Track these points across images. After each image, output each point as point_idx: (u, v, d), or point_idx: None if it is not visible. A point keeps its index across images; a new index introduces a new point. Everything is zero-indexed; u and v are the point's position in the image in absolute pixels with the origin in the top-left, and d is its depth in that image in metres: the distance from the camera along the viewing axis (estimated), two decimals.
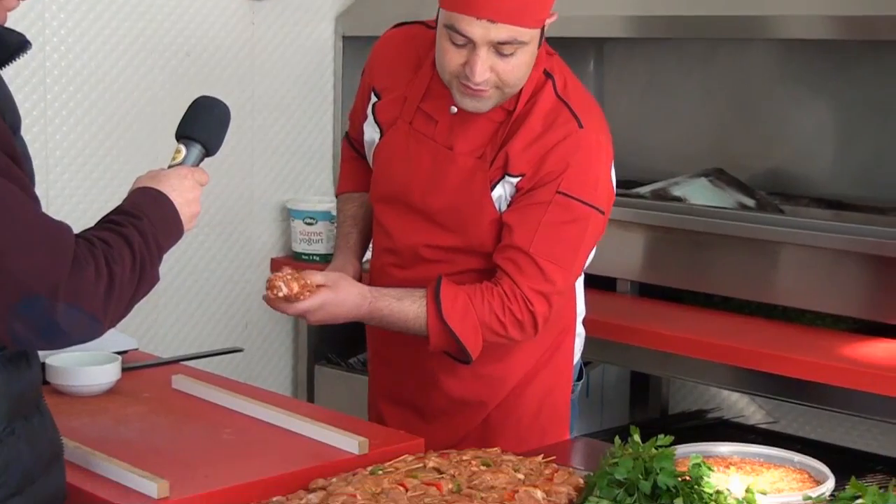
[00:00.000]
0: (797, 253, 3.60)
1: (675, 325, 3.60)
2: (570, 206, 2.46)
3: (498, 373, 2.60)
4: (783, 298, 3.64)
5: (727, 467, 2.26)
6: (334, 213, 3.21)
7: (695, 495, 2.00)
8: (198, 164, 2.07)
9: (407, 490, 2.04)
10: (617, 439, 2.12)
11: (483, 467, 2.15)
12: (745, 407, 4.42)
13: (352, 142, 2.84)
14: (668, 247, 3.91)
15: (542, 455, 2.25)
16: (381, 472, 2.12)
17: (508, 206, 2.49)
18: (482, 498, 2.00)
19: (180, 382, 2.65)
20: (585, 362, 4.29)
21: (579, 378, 2.83)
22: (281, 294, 2.36)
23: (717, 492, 2.01)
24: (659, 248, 3.94)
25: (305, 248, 4.38)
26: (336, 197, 2.90)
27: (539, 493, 2.04)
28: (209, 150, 2.09)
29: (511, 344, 2.55)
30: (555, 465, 2.20)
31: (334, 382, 4.56)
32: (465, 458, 2.19)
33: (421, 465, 2.16)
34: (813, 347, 3.34)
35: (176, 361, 2.94)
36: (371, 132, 2.67)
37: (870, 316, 3.43)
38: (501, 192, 2.49)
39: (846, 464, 1.98)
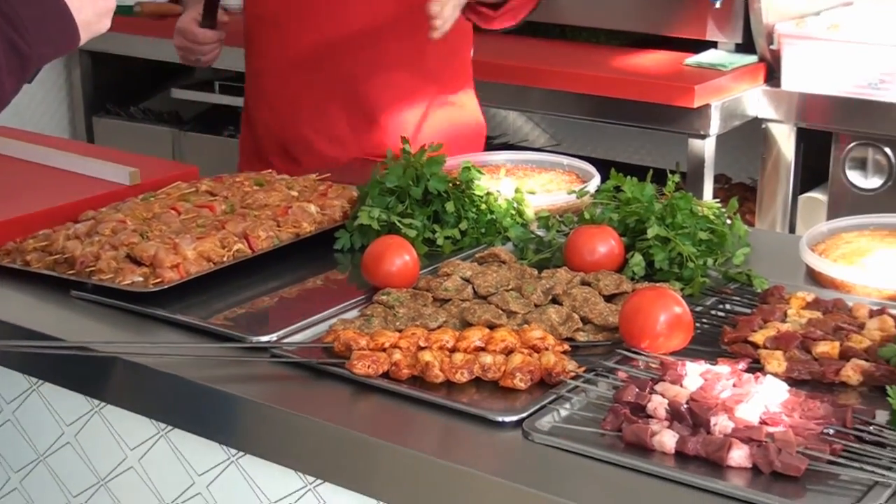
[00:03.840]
0: None
1: None
2: None
3: None
4: (561, 17, 3.68)
5: (498, 172, 2.31)
6: None
7: (465, 198, 2.04)
8: None
9: (179, 213, 2.02)
10: (389, 151, 2.13)
11: (256, 187, 2.14)
12: (529, 132, 4.52)
13: None
14: None
15: (316, 173, 2.26)
16: (152, 198, 2.09)
17: None
18: (255, 216, 2.00)
19: None
20: None
21: None
22: None
23: (488, 193, 2.06)
24: None
25: None
26: None
27: (313, 208, 2.05)
28: None
29: None
30: (329, 182, 2.21)
31: (116, 133, 4.44)
32: (238, 179, 2.18)
33: (193, 189, 2.14)
34: (591, 62, 3.41)
35: None
36: None
37: (642, 29, 3.50)
38: None
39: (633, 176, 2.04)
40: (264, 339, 1.68)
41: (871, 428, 1.38)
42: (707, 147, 3.21)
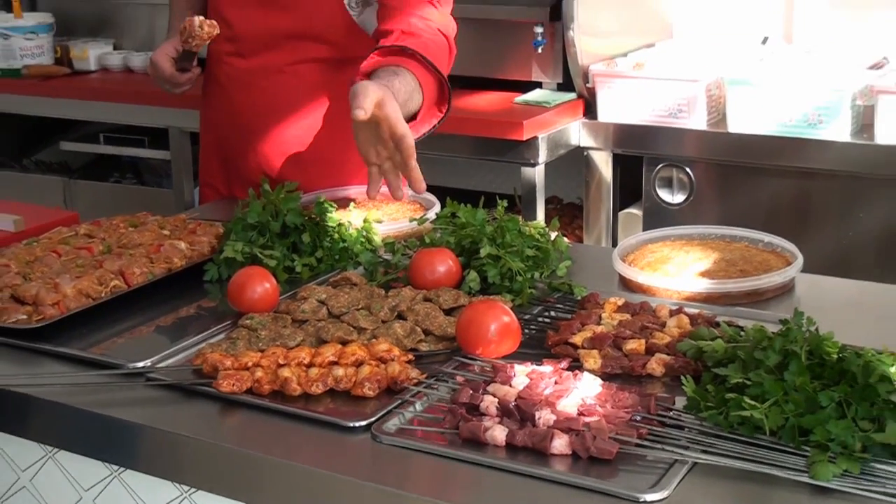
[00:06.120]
0: None
1: None
2: None
3: None
4: None
5: (348, 205, 2.30)
6: None
7: (320, 230, 2.04)
8: None
9: (60, 256, 1.97)
10: (251, 191, 2.11)
11: (131, 228, 2.10)
12: None
13: None
14: None
15: (185, 213, 2.23)
16: (35, 243, 2.03)
17: None
18: (130, 254, 1.96)
19: None
20: None
21: None
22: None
23: (339, 224, 2.06)
24: None
25: None
26: None
27: (182, 244, 2.02)
28: None
29: None
30: (199, 220, 2.18)
31: (10, 184, 4.30)
32: (114, 222, 2.13)
33: (73, 233, 2.09)
34: None
35: None
36: None
37: (476, 73, 3.53)
38: None
39: (472, 203, 2.03)
40: (140, 364, 1.64)
41: (672, 413, 1.42)
42: (538, 174, 3.25)
